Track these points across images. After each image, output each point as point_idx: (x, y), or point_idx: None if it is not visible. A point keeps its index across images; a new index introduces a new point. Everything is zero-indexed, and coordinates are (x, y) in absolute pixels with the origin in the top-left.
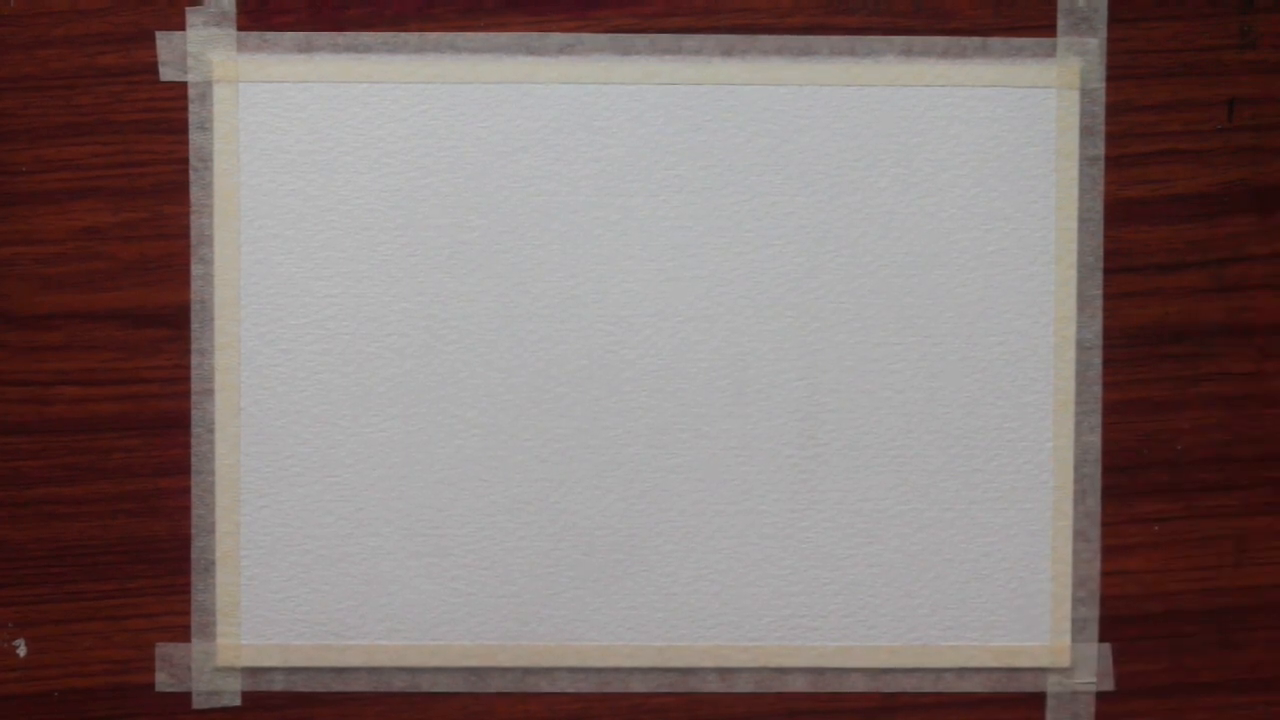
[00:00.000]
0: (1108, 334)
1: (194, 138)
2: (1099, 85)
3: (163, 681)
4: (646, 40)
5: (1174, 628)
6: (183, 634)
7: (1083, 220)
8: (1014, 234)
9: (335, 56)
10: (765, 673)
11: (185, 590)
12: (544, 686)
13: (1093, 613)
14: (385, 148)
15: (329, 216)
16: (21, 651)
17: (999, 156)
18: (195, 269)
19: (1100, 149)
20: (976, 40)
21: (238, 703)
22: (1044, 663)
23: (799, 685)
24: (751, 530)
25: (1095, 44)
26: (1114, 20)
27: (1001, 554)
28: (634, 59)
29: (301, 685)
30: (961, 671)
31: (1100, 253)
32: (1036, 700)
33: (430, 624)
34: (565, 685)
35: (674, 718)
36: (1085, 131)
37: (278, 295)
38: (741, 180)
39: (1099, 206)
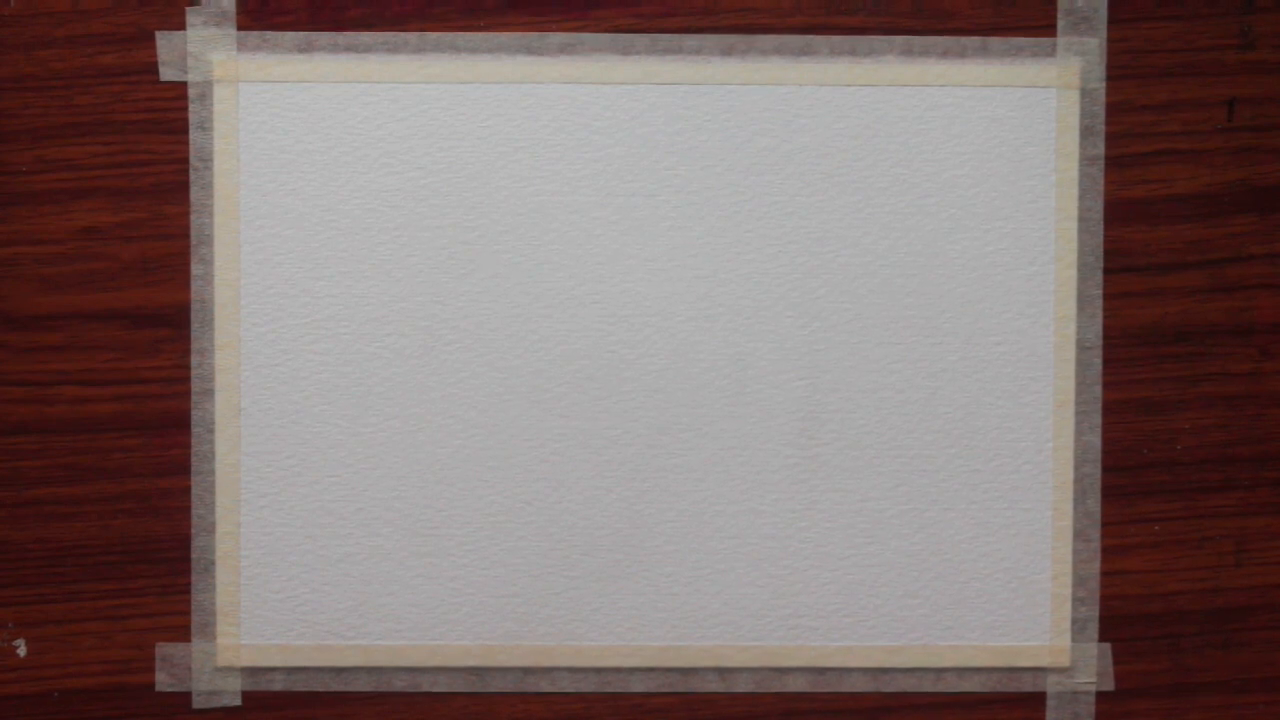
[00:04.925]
0: (1108, 334)
1: (194, 138)
2: (1099, 85)
3: (163, 681)
4: (646, 40)
5: (1174, 628)
6: (183, 634)
7: (1083, 220)
8: (1014, 234)
9: (335, 56)
10: (765, 673)
11: (185, 590)
12: (544, 686)
13: (1093, 613)
14: (385, 148)
15: (329, 216)
16: (21, 651)
17: (999, 156)
18: (195, 269)
19: (1100, 149)
20: (976, 40)
21: (238, 703)
22: (1044, 663)
23: (799, 685)
24: (751, 530)
25: (1095, 44)
26: (1114, 20)
27: (1001, 554)
28: (634, 59)
29: (301, 685)
30: (961, 671)
31: (1100, 253)
32: (1036, 700)
33: (430, 624)
34: (565, 685)
35: (674, 718)
36: (1085, 131)
37: (278, 295)
38: (742, 180)
39: (1099, 206)
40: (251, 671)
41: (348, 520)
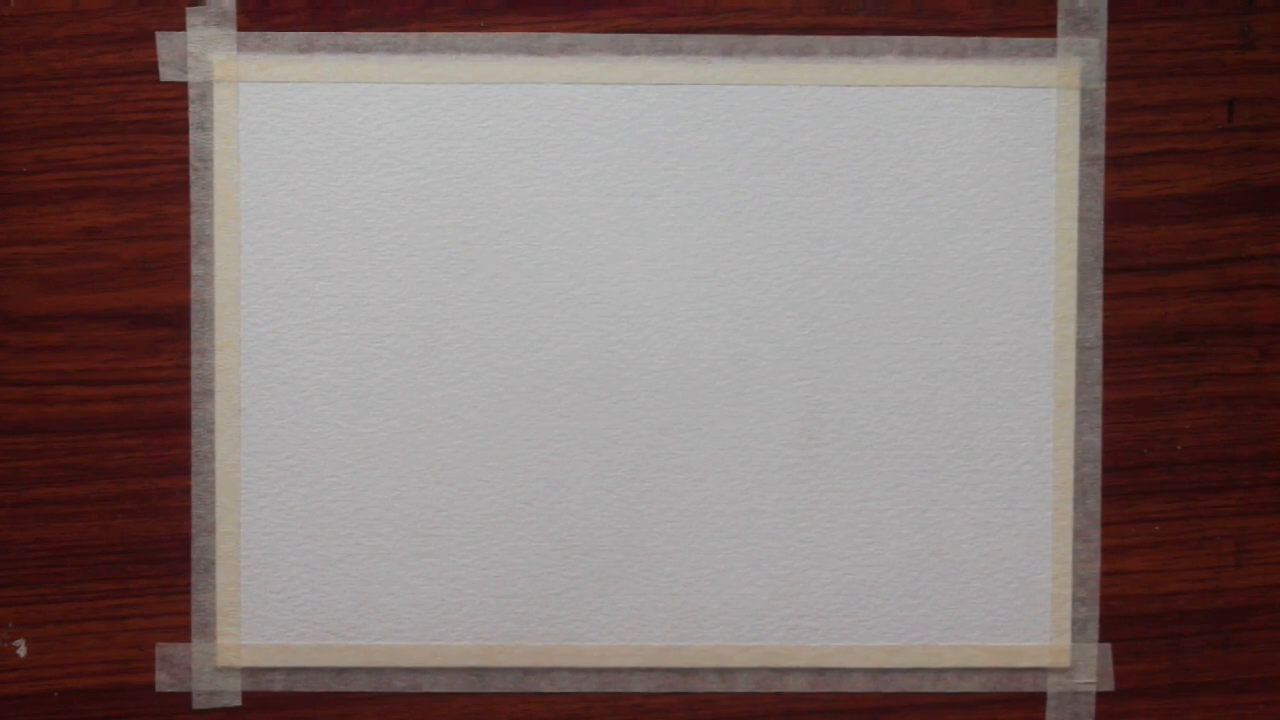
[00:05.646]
0: (1108, 334)
1: (194, 138)
2: (1099, 85)
3: (163, 681)
4: (646, 40)
5: (1174, 628)
6: (183, 634)
7: (1083, 220)
8: (1014, 234)
9: (335, 56)
10: (765, 673)
11: (185, 590)
12: (544, 686)
13: (1093, 613)
14: (385, 148)
15: (329, 216)
16: (21, 651)
17: (999, 156)
18: (195, 269)
19: (1100, 149)
20: (976, 40)
21: (238, 703)
22: (1044, 663)
23: (799, 685)
24: (751, 530)
25: (1095, 44)
26: (1114, 20)
27: (1001, 554)
28: (634, 59)
29: (301, 685)
30: (961, 671)
31: (1100, 253)
32: (1036, 700)
33: (430, 624)
34: (566, 685)
35: (674, 718)
36: (1085, 131)
37: (278, 295)
38: (742, 180)
39: (1099, 206)
40: (251, 671)
41: (348, 520)
